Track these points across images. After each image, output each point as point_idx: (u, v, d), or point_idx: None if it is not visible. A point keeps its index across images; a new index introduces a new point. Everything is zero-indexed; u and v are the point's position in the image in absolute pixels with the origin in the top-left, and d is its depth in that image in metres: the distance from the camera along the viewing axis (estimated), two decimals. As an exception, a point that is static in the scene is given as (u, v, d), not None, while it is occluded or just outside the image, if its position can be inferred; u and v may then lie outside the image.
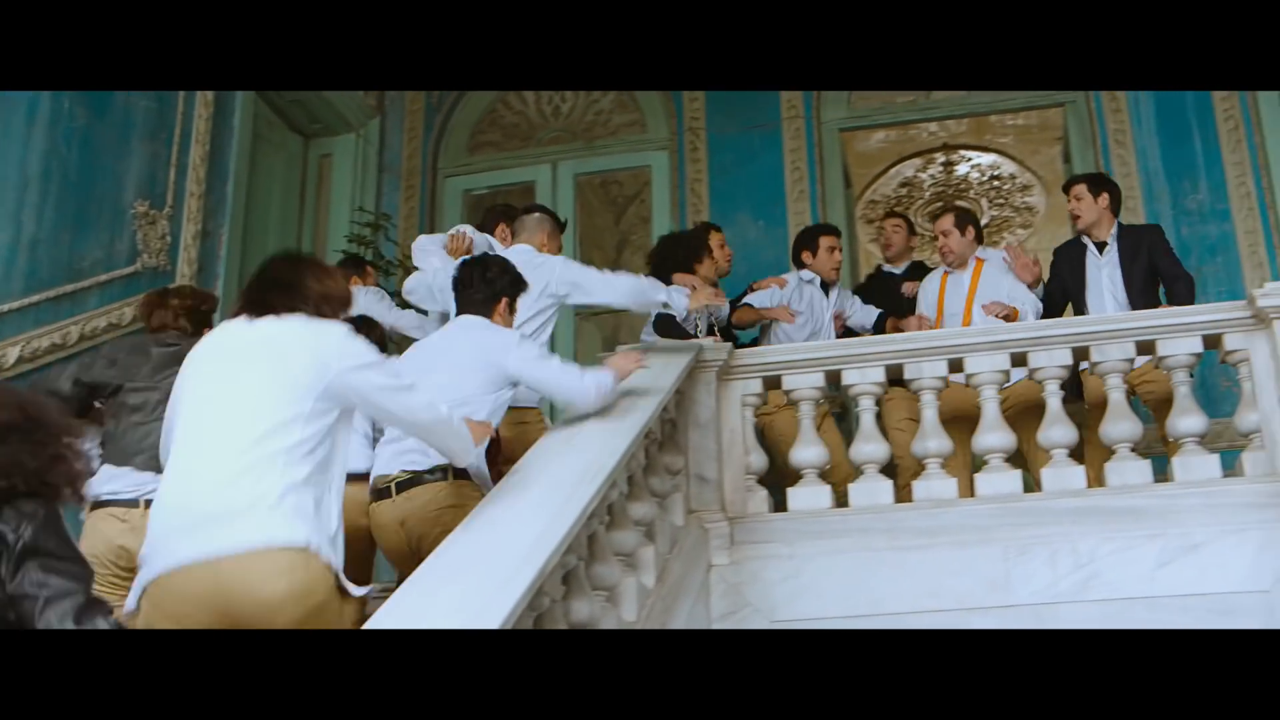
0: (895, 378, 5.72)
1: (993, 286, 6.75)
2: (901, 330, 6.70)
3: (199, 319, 5.03)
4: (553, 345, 5.87)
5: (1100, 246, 6.67)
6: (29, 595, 2.60)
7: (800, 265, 7.27)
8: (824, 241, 7.26)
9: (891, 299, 7.39)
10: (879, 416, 5.82)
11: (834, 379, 5.72)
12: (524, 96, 9.40)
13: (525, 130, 9.36)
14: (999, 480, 5.41)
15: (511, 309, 4.96)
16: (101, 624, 2.61)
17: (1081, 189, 6.79)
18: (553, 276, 5.65)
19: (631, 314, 7.25)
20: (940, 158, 12.04)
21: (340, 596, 3.16)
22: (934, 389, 5.62)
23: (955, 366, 5.63)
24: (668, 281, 6.08)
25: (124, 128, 6.61)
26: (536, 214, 6.16)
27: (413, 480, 4.42)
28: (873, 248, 10.35)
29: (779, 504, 5.60)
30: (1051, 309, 6.78)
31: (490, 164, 9.33)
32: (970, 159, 12.04)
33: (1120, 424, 5.44)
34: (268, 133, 8.23)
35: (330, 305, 3.52)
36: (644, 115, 9.20)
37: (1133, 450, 5.41)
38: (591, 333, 8.95)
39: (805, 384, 5.72)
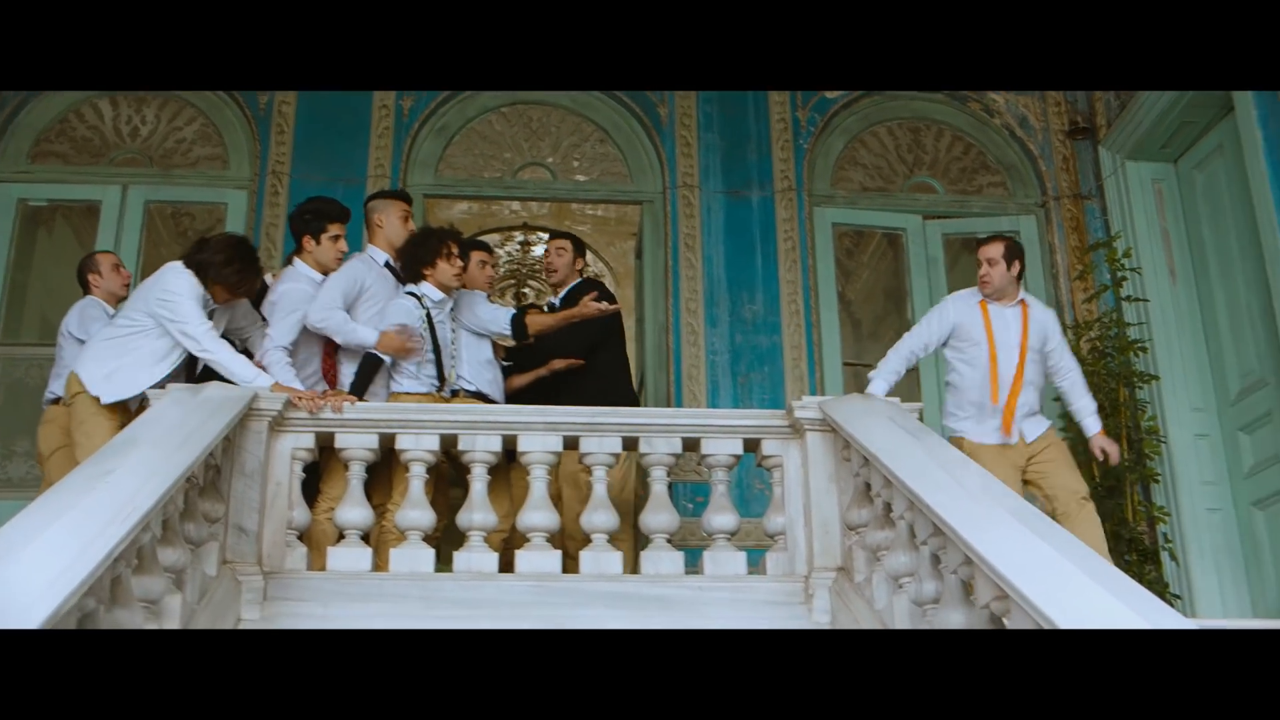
0: (449, 448, 5.75)
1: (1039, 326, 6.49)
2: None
3: None
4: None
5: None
6: None
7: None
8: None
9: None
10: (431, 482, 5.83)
11: (388, 442, 5.70)
12: (100, 111, 8.95)
13: (98, 146, 8.89)
14: (539, 559, 5.51)
15: None
16: None
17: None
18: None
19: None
20: (519, 236, 12.32)
21: None
22: (485, 462, 5.68)
23: (510, 443, 5.72)
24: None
25: None
26: None
27: None
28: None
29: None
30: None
31: (54, 175, 8.77)
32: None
33: (660, 515, 5.67)
34: None
35: None
36: (227, 151, 8.94)
37: (669, 540, 5.66)
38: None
39: (357, 444, 5.66)
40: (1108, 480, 7.68)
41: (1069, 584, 3.38)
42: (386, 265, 6.54)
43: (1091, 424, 6.56)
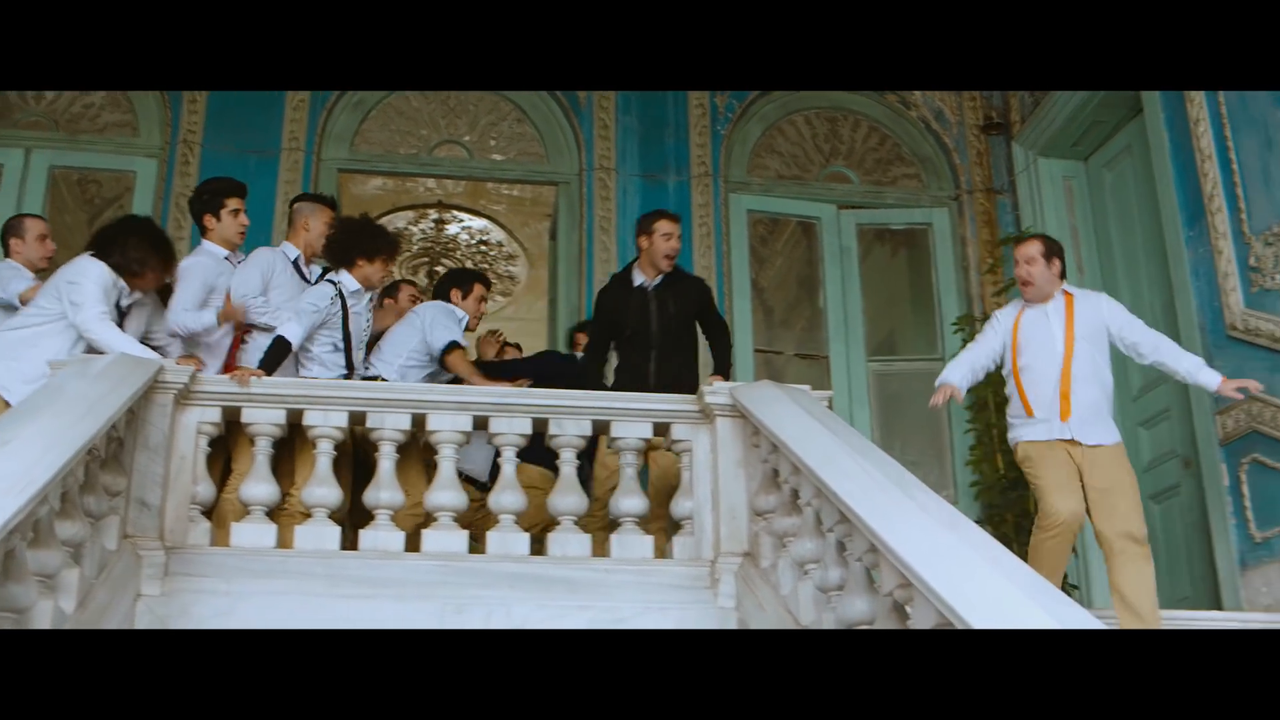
0: (359, 423, 5.71)
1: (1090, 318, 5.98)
2: None
3: None
4: None
5: None
6: None
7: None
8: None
9: None
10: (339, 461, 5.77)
11: (296, 418, 5.64)
12: (6, 73, 8.75)
13: None
14: (445, 538, 5.49)
15: None
16: None
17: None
18: None
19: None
20: (433, 214, 12.21)
21: None
22: (393, 440, 5.65)
23: (418, 422, 5.69)
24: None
25: None
26: None
27: None
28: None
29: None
30: None
31: (-48, 138, 8.57)
32: (462, 220, 12.29)
33: (568, 497, 5.67)
34: None
35: None
36: (137, 118, 8.78)
37: (576, 523, 5.66)
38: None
39: (265, 419, 5.59)
40: (1012, 472, 7.78)
41: (972, 573, 3.42)
42: (294, 263, 6.55)
43: (1209, 378, 5.81)
